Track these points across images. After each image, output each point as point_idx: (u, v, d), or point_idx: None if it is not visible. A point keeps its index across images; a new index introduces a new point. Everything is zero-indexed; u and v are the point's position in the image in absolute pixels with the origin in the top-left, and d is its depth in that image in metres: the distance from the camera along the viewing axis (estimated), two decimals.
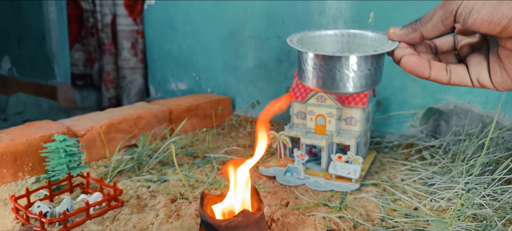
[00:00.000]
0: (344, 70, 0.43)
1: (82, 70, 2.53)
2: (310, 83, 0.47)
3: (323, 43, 0.52)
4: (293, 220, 0.78)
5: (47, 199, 0.89)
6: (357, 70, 0.43)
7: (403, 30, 0.41)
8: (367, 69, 0.44)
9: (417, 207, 0.85)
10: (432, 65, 0.40)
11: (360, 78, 0.44)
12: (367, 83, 0.45)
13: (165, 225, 0.77)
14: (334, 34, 0.52)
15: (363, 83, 0.45)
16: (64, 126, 1.10)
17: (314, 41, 0.52)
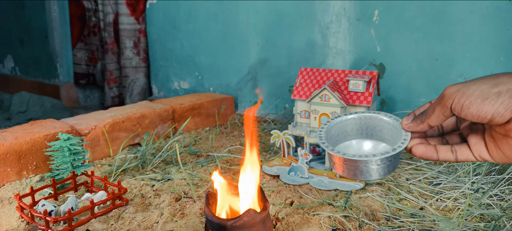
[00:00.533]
0: (369, 166, 0.51)
1: (85, 69, 2.54)
2: (341, 173, 0.54)
3: (345, 127, 0.60)
4: (298, 219, 0.78)
5: (51, 198, 0.89)
6: (380, 164, 0.51)
7: (413, 122, 0.47)
8: (388, 161, 0.51)
9: (423, 206, 0.84)
10: (439, 149, 0.47)
11: (383, 168, 0.51)
12: (390, 170, 0.52)
13: (170, 223, 0.77)
14: (353, 117, 0.59)
15: (386, 171, 0.52)
16: (68, 124, 1.10)
17: (337, 127, 0.59)
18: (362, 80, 1.04)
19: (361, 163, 0.50)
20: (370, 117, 0.58)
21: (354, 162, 0.51)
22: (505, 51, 1.12)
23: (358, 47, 1.37)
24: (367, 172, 0.51)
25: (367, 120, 0.58)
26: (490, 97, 0.38)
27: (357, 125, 0.59)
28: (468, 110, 0.39)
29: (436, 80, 1.24)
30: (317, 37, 1.47)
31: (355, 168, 0.51)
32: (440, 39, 1.21)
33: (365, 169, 0.51)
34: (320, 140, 0.55)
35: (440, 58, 1.23)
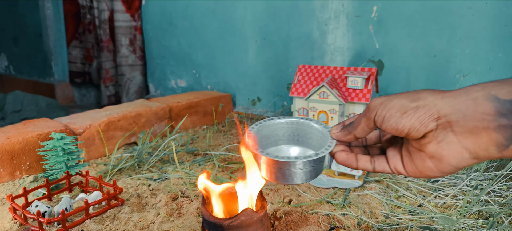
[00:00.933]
0: (292, 169, 0.52)
1: (80, 68, 2.51)
2: (265, 175, 0.55)
3: (276, 131, 0.61)
4: (296, 218, 0.77)
5: (45, 198, 0.87)
6: (303, 168, 0.52)
7: (341, 132, 0.49)
8: (311, 166, 0.52)
9: (421, 204, 0.84)
10: (359, 158, 0.49)
11: (306, 173, 0.53)
12: (312, 175, 0.53)
13: (167, 223, 0.76)
14: (285, 122, 0.60)
15: (309, 175, 0.53)
16: (61, 124, 1.09)
17: (269, 129, 0.60)
18: (360, 77, 1.03)
19: (284, 165, 0.51)
20: (301, 123, 0.59)
21: (277, 163, 0.51)
22: (503, 47, 1.11)
23: (356, 44, 1.36)
24: (289, 175, 0.52)
25: (299, 126, 0.59)
26: (409, 112, 0.39)
27: (289, 130, 0.60)
28: (388, 123, 0.40)
29: (435, 77, 1.24)
30: (315, 34, 1.46)
31: (278, 170, 0.52)
32: (439, 36, 1.20)
33: (288, 172, 0.51)
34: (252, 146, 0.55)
35: (438, 54, 1.22)
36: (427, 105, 0.38)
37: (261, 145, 0.56)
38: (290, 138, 0.60)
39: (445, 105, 0.37)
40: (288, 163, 0.51)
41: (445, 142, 0.38)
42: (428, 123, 0.38)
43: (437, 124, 0.38)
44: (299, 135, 0.60)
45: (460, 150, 0.37)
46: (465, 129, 0.36)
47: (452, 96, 0.37)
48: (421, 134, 0.39)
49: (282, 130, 0.60)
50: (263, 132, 0.59)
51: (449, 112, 0.37)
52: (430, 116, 0.38)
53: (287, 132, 0.60)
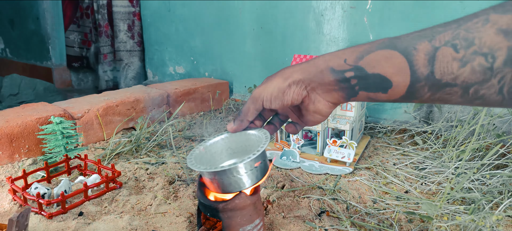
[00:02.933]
0: (236, 175, 0.55)
1: (78, 52, 2.51)
2: (215, 190, 0.58)
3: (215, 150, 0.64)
4: (289, 202, 0.80)
5: (44, 181, 0.90)
6: (247, 171, 0.55)
7: (236, 124, 0.58)
8: (254, 167, 0.56)
9: (408, 190, 0.87)
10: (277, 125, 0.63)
11: (251, 175, 0.56)
12: (258, 176, 0.57)
13: (164, 206, 0.79)
14: (221, 139, 0.64)
15: (254, 177, 0.56)
16: (60, 108, 1.11)
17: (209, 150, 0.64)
18: None
19: (226, 174, 0.54)
20: (239, 133, 0.62)
21: (219, 174, 0.54)
22: None
23: (351, 35, 1.38)
24: (235, 182, 0.55)
25: (235, 138, 0.63)
26: (286, 90, 0.51)
27: (226, 145, 0.64)
28: (276, 102, 0.52)
29: None
30: (311, 24, 1.47)
31: (224, 180, 0.55)
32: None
33: (234, 179, 0.55)
34: (190, 162, 0.58)
35: None
36: (295, 81, 0.51)
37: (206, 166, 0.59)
38: (231, 152, 0.65)
39: (307, 77, 0.50)
40: (230, 170, 0.54)
41: (317, 100, 0.52)
42: (301, 92, 0.51)
43: (307, 91, 0.51)
44: (237, 147, 0.64)
45: (325, 102, 0.52)
46: (323, 90, 0.50)
47: (307, 71, 0.50)
48: (300, 101, 0.52)
49: (219, 147, 0.64)
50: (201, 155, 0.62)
51: (311, 81, 0.50)
52: (300, 87, 0.51)
53: (225, 147, 0.65)
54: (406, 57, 0.43)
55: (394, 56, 0.44)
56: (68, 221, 0.73)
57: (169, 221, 0.74)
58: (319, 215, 0.76)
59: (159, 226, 0.72)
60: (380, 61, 0.45)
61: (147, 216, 0.76)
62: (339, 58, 0.47)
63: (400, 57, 0.43)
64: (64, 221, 0.73)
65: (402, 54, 0.43)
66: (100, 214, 0.76)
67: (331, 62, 0.48)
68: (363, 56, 0.46)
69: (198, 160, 0.61)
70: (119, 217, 0.74)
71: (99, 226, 0.71)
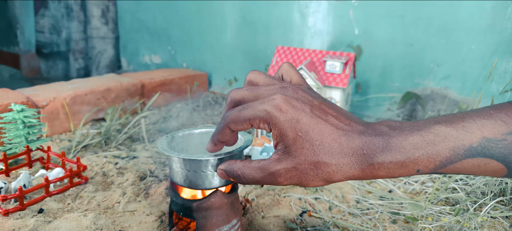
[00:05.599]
0: (207, 170, 0.51)
1: (48, 38, 2.37)
2: (178, 180, 0.54)
3: (189, 141, 0.61)
4: (268, 201, 0.76)
5: (2, 174, 0.82)
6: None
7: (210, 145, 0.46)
8: None
9: (392, 189, 0.84)
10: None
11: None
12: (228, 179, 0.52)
13: (133, 203, 0.73)
14: (199, 132, 0.61)
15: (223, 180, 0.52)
16: (23, 95, 1.02)
17: (183, 141, 0.60)
18: (339, 62, 1.02)
19: (198, 165, 0.50)
20: None
21: (190, 163, 0.51)
22: (477, 39, 1.13)
23: (336, 29, 1.35)
24: (205, 177, 0.51)
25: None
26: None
27: (202, 139, 0.61)
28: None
29: (410, 66, 1.25)
30: (295, 16, 1.43)
31: (192, 172, 0.51)
32: (416, 25, 1.21)
33: (204, 174, 0.51)
34: (161, 146, 0.54)
35: (415, 43, 1.22)
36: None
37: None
38: (204, 147, 0.61)
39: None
40: (202, 162, 0.50)
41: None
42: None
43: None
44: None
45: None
46: None
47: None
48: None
49: (197, 139, 0.61)
50: (175, 143, 0.59)
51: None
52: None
53: (204, 141, 0.61)
54: (506, 166, 0.35)
55: (490, 164, 0.35)
56: (26, 218, 0.66)
57: (139, 220, 0.68)
58: (301, 215, 0.72)
59: (127, 225, 0.66)
60: (472, 169, 0.36)
61: (114, 215, 0.69)
62: (411, 169, 0.36)
63: (499, 165, 0.35)
64: (22, 219, 0.66)
65: (501, 163, 0.35)
66: (62, 212, 0.69)
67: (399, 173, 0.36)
68: (445, 165, 0.35)
69: (170, 147, 0.57)
70: (83, 215, 0.67)
71: (61, 224, 0.65)
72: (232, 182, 0.55)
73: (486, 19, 1.11)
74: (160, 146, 0.55)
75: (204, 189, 0.53)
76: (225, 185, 0.54)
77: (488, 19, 1.10)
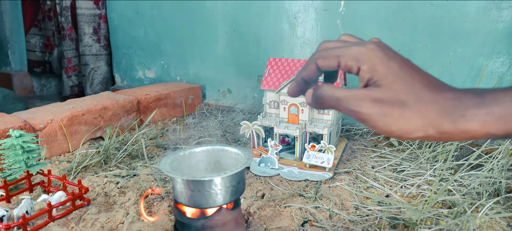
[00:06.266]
0: (211, 189, 0.52)
1: (40, 57, 2.37)
2: (183, 201, 0.55)
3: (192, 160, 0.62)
4: (270, 213, 0.77)
5: (3, 201, 0.82)
6: (222, 188, 0.53)
7: (293, 85, 0.42)
8: (232, 185, 0.54)
9: (389, 194, 0.86)
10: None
11: (226, 192, 0.54)
12: (232, 195, 0.55)
13: (137, 223, 0.74)
14: (201, 151, 0.63)
15: (228, 196, 0.54)
16: (20, 119, 1.02)
17: (185, 160, 0.61)
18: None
19: (202, 185, 0.51)
20: (218, 149, 0.63)
21: (195, 184, 0.52)
22: (461, 42, 1.16)
23: (325, 37, 1.38)
24: (209, 196, 0.52)
25: (215, 153, 0.63)
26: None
27: (203, 158, 0.63)
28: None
29: None
30: (284, 26, 1.45)
31: (197, 192, 0.52)
32: (402, 30, 1.24)
33: (207, 193, 0.52)
34: (164, 168, 0.55)
35: (402, 48, 1.25)
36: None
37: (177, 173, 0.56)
38: (209, 165, 0.63)
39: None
40: (206, 182, 0.51)
41: None
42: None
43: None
44: (217, 161, 0.63)
45: None
46: None
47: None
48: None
49: (196, 158, 0.63)
50: (177, 162, 0.60)
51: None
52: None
53: (206, 159, 0.63)
54: None
55: None
56: None
57: None
58: (302, 226, 0.73)
59: None
60: None
61: None
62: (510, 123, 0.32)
63: None
64: None
65: None
66: None
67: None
68: None
69: (172, 167, 0.58)
70: None
71: None
72: (234, 199, 0.57)
73: (471, 22, 1.14)
74: (163, 167, 0.56)
75: (209, 208, 0.55)
76: (229, 202, 0.56)
77: (472, 22, 1.14)
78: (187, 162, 0.63)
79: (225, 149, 0.63)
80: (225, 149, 0.63)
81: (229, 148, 0.63)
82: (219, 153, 0.64)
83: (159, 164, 0.56)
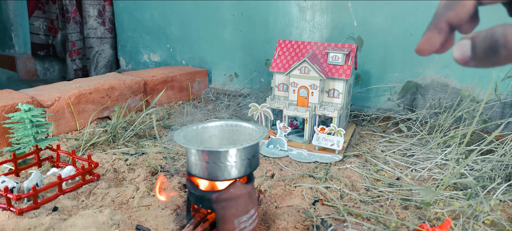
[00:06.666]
0: (226, 161, 0.52)
1: (43, 40, 2.35)
2: (197, 172, 0.55)
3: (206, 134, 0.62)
4: (280, 192, 0.77)
5: (12, 174, 0.82)
6: (237, 160, 0.53)
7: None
8: (246, 157, 0.54)
9: (399, 177, 0.86)
10: None
11: (241, 165, 0.53)
12: (247, 168, 0.55)
13: (147, 198, 0.73)
14: (217, 125, 0.63)
15: (242, 169, 0.54)
16: (28, 95, 1.01)
17: (198, 134, 0.61)
18: (341, 53, 1.03)
19: (218, 156, 0.51)
20: (233, 124, 0.63)
21: (210, 155, 0.52)
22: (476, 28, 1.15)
23: (335, 21, 1.36)
24: (224, 168, 0.53)
25: (230, 128, 0.63)
26: None
27: (220, 132, 0.64)
28: None
29: (410, 55, 1.26)
30: (294, 10, 1.43)
31: (212, 163, 0.52)
32: (415, 15, 1.22)
33: (222, 165, 0.52)
34: (178, 139, 0.55)
35: (414, 33, 1.24)
36: None
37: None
38: (222, 140, 0.63)
39: None
40: (221, 153, 0.51)
41: None
42: None
43: None
44: (230, 137, 0.63)
45: None
46: None
47: None
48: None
49: (210, 132, 0.63)
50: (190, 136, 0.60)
51: None
52: None
53: (219, 134, 0.63)
54: None
55: None
56: (41, 217, 0.66)
57: (154, 214, 0.68)
58: (313, 204, 0.73)
59: (143, 220, 0.67)
60: None
61: (130, 210, 0.70)
62: None
63: None
64: (37, 217, 0.66)
65: None
66: (76, 209, 0.70)
67: None
68: None
69: (187, 139, 0.58)
70: (99, 211, 0.67)
71: (77, 221, 0.65)
72: (249, 173, 0.56)
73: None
74: (177, 138, 0.56)
75: (224, 180, 0.54)
76: (243, 175, 0.55)
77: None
78: (200, 136, 0.63)
79: (239, 124, 0.62)
80: (239, 124, 0.62)
81: (243, 123, 0.62)
82: (233, 128, 0.63)
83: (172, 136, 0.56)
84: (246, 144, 0.52)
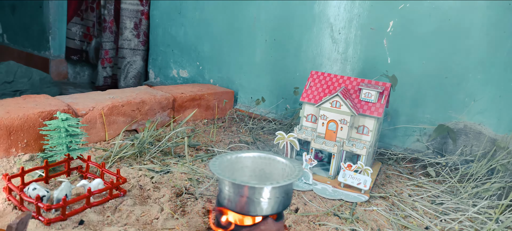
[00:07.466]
0: (261, 197, 0.51)
1: (78, 45, 2.44)
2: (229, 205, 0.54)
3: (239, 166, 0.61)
4: (305, 229, 0.75)
5: (42, 181, 0.83)
6: (271, 197, 0.52)
7: None
8: (281, 195, 0.53)
9: (428, 226, 0.83)
10: None
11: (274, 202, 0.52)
12: (279, 206, 0.54)
13: (171, 221, 0.73)
14: (248, 157, 0.62)
15: (276, 207, 0.53)
16: (64, 103, 1.04)
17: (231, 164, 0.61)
18: (375, 91, 1.02)
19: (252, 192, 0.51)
20: (268, 157, 0.62)
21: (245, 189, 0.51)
22: None
23: (368, 56, 1.35)
24: (257, 204, 0.52)
25: (263, 160, 0.63)
26: None
27: (251, 164, 0.63)
28: None
29: (443, 98, 1.23)
30: (327, 41, 1.44)
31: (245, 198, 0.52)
32: (453, 58, 1.20)
33: (257, 200, 0.51)
34: (214, 169, 0.55)
35: (450, 76, 1.22)
36: None
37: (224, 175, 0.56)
38: (253, 172, 0.63)
39: None
40: (257, 189, 0.51)
41: None
42: None
43: None
44: (262, 169, 0.62)
45: None
46: None
47: None
48: None
49: (245, 163, 0.63)
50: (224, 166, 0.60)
51: None
52: None
53: (251, 165, 0.63)
54: None
55: None
56: (68, 229, 0.67)
57: None
58: None
59: None
60: None
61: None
62: None
63: None
64: (63, 229, 0.67)
65: None
66: (102, 225, 0.70)
67: None
68: None
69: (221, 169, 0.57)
70: (123, 230, 0.68)
71: None
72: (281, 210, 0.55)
73: None
74: (212, 168, 0.56)
75: (256, 216, 0.53)
76: (275, 213, 0.54)
77: None
78: (233, 166, 0.62)
79: (273, 158, 0.62)
80: (273, 157, 0.62)
81: (277, 157, 0.62)
82: (266, 161, 0.63)
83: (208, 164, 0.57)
84: (283, 183, 0.51)
